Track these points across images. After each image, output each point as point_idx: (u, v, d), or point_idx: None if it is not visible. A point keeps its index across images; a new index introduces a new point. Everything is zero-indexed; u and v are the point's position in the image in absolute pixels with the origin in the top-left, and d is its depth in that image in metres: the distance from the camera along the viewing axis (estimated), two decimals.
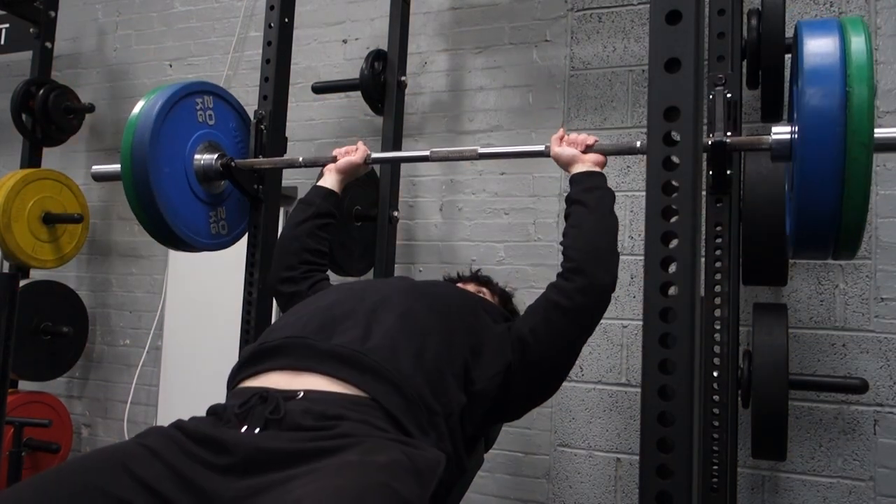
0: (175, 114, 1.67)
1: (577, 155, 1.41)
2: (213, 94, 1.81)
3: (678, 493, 0.83)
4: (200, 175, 1.74)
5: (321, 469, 0.85)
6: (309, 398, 1.01)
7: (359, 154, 1.67)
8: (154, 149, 1.59)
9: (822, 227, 1.03)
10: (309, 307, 1.26)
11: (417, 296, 1.25)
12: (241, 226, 1.90)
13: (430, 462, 0.93)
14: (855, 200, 0.99)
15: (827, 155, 0.98)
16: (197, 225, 1.75)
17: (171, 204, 1.65)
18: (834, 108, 0.98)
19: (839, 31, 1.03)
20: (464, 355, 1.17)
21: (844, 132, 0.97)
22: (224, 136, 1.83)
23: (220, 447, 0.91)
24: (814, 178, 1.00)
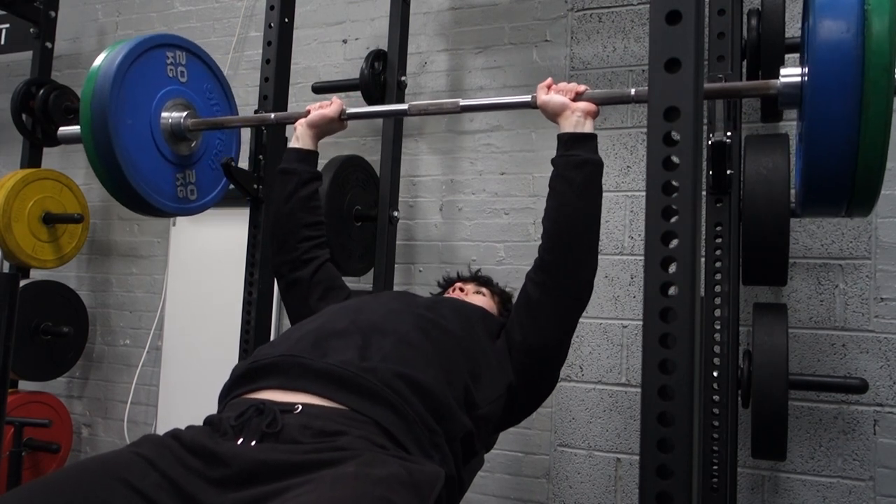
0: (142, 64, 1.55)
1: (566, 103, 1.30)
2: (187, 50, 1.70)
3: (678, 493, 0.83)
4: (167, 133, 1.62)
5: (317, 480, 0.84)
6: (307, 413, 0.99)
7: (333, 107, 1.55)
8: (116, 99, 1.47)
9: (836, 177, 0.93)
10: (302, 328, 1.23)
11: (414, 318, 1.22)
12: (212, 193, 1.79)
13: (429, 477, 0.92)
14: (872, 146, 0.89)
15: (842, 95, 0.88)
16: (161, 186, 1.62)
17: (133, 161, 1.53)
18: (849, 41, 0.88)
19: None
20: (464, 379, 1.15)
21: (862, 69, 0.87)
22: (196, 96, 1.71)
23: (217, 459, 0.90)
24: (826, 122, 0.90)
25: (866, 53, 0.87)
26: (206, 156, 1.74)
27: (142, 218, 3.08)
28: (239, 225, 2.19)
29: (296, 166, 1.52)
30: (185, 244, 2.95)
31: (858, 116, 0.88)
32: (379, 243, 2.24)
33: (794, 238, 2.01)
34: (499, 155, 2.46)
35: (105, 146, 1.47)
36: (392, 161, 2.27)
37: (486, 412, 1.18)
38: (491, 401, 1.20)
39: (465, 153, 2.51)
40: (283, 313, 2.68)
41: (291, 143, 1.56)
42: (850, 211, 1.01)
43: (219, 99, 1.80)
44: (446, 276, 1.77)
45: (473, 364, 1.20)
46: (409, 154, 2.52)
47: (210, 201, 1.79)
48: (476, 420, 1.14)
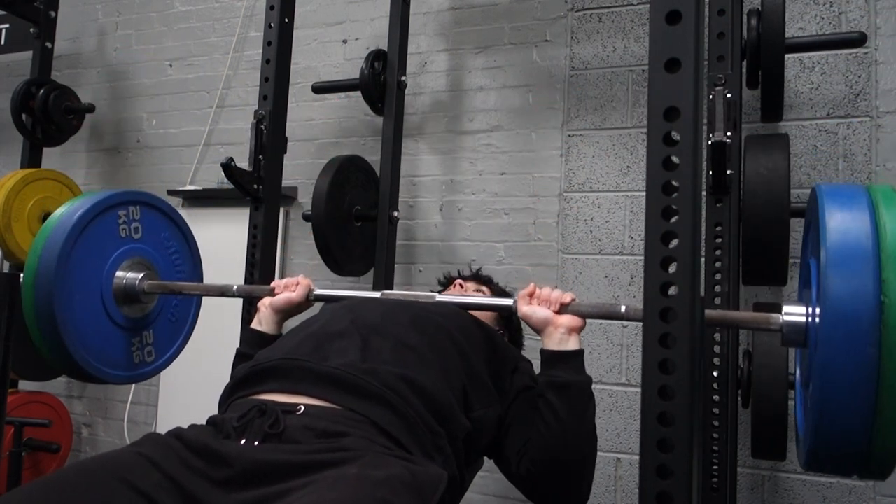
0: (90, 234, 1.43)
1: (549, 318, 1.20)
2: (141, 203, 1.57)
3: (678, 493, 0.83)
4: (120, 297, 1.50)
5: (319, 481, 0.84)
6: (309, 413, 0.99)
7: (299, 290, 1.44)
8: (62, 274, 1.36)
9: (848, 451, 0.82)
10: (302, 332, 1.23)
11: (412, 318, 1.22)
12: (171, 350, 1.66)
13: (432, 479, 0.92)
14: (892, 414, 0.78)
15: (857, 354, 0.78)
16: (115, 357, 1.50)
17: (81, 335, 1.41)
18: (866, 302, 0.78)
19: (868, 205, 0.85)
20: (461, 380, 1.16)
21: (879, 328, 0.78)
22: (154, 250, 1.59)
23: (219, 459, 0.90)
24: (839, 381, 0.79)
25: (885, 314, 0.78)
26: (164, 311, 1.62)
27: None
28: (239, 225, 2.19)
29: (255, 352, 1.38)
30: None
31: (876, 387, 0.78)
32: (379, 243, 2.24)
33: (794, 238, 2.01)
34: (499, 155, 2.46)
35: (48, 325, 1.37)
36: (392, 161, 2.27)
37: (482, 415, 1.18)
38: (486, 405, 1.20)
39: (465, 153, 2.51)
40: None
41: (254, 324, 1.47)
42: (863, 477, 0.89)
43: (178, 246, 1.66)
44: (447, 274, 1.77)
45: (470, 367, 1.20)
46: (409, 154, 2.52)
47: (169, 360, 1.66)
48: (473, 422, 1.15)
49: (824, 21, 2.08)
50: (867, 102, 2.00)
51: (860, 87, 2.01)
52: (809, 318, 0.94)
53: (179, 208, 2.93)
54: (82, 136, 3.12)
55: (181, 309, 1.69)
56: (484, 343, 1.29)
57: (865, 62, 2.01)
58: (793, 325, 0.96)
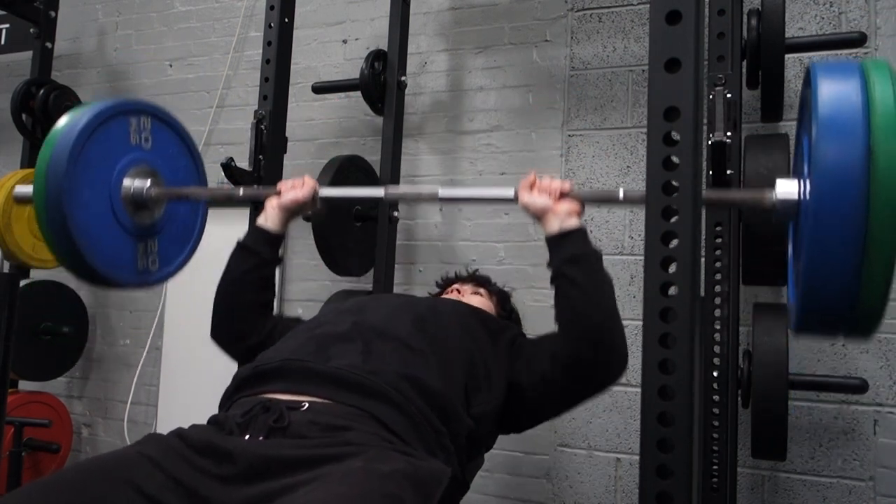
0: (103, 133, 1.45)
1: (548, 206, 1.21)
2: (152, 115, 1.59)
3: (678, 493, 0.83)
4: (129, 202, 1.51)
5: (326, 476, 0.84)
6: (314, 409, 1.00)
7: (305, 190, 1.43)
8: (73, 170, 1.38)
9: (835, 309, 0.87)
10: (303, 333, 1.23)
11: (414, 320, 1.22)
12: (176, 262, 1.66)
13: (434, 474, 0.92)
14: (877, 276, 0.82)
15: (845, 220, 0.82)
16: (119, 259, 1.50)
17: (90, 235, 1.42)
18: (856, 164, 0.81)
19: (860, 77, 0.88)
20: (463, 380, 1.16)
21: (867, 194, 0.81)
22: (162, 162, 1.60)
23: (223, 456, 0.90)
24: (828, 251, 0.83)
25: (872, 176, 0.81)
26: (170, 223, 1.63)
27: None
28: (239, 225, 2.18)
29: (258, 247, 1.44)
30: None
31: (863, 248, 0.82)
32: (379, 243, 2.24)
33: None
34: (499, 155, 2.46)
35: (59, 222, 1.37)
36: (392, 161, 2.27)
37: (482, 411, 1.18)
38: (487, 401, 1.20)
39: (465, 153, 2.51)
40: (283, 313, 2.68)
41: (259, 221, 1.47)
42: (849, 336, 0.96)
43: (185, 162, 1.67)
44: (444, 276, 1.77)
45: (471, 366, 1.20)
46: (409, 154, 2.52)
47: (174, 271, 1.67)
48: (474, 419, 1.15)
49: (824, 21, 2.08)
50: None
51: None
52: (802, 191, 0.98)
53: None
54: None
55: (187, 225, 1.70)
56: (486, 337, 1.30)
57: None
58: (785, 200, 1.00)
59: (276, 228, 1.45)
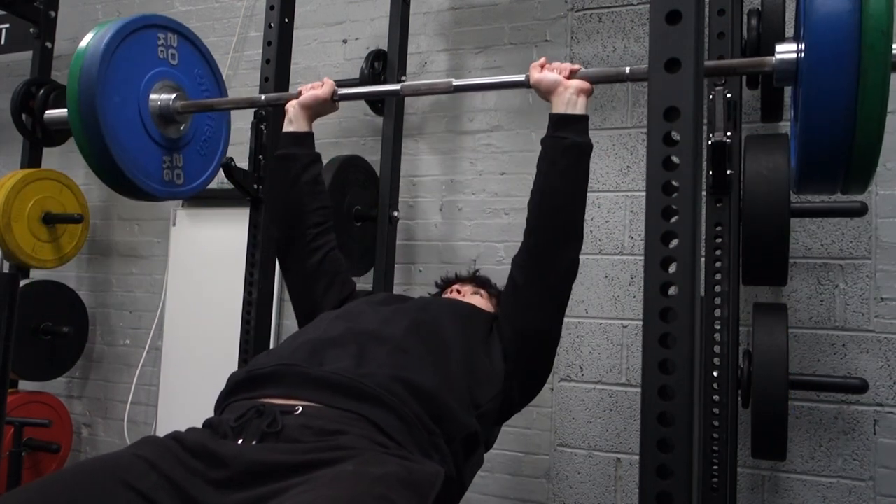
0: (132, 44, 1.52)
1: (558, 80, 1.27)
2: (179, 33, 1.66)
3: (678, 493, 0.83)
4: (156, 115, 1.59)
5: (317, 479, 0.84)
6: (307, 413, 0.99)
7: (325, 88, 1.52)
8: (104, 76, 1.45)
9: (833, 153, 0.92)
10: (298, 338, 1.23)
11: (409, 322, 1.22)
12: (200, 179, 1.75)
13: (429, 476, 0.92)
14: (870, 119, 0.87)
15: (839, 67, 0.87)
16: (148, 168, 1.58)
17: (120, 140, 1.50)
18: (846, 13, 0.86)
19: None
20: (465, 380, 1.16)
21: (859, 45, 0.86)
22: (187, 79, 1.67)
23: (217, 460, 0.90)
24: (823, 96, 0.88)
25: (863, 26, 0.86)
26: (194, 140, 1.71)
27: (142, 218, 3.08)
28: (239, 225, 2.19)
29: (294, 150, 1.50)
30: (185, 244, 2.95)
31: (856, 89, 0.87)
32: (379, 243, 2.24)
33: (794, 238, 2.01)
34: (499, 155, 2.46)
35: (92, 125, 1.45)
36: (392, 161, 2.27)
37: (488, 409, 1.19)
38: (491, 397, 1.20)
39: (465, 153, 2.51)
40: (283, 313, 2.68)
41: (286, 126, 1.53)
42: (847, 187, 1.00)
43: (209, 85, 1.75)
44: (444, 276, 1.77)
45: (471, 364, 1.20)
46: (409, 154, 2.52)
47: (198, 186, 1.75)
48: (479, 418, 1.15)
49: None
50: None
51: None
52: (800, 53, 0.99)
53: (179, 208, 2.94)
54: None
55: (210, 144, 1.78)
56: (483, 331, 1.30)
57: None
58: (785, 61, 1.03)
59: (303, 128, 1.53)
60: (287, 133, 1.53)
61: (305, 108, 1.53)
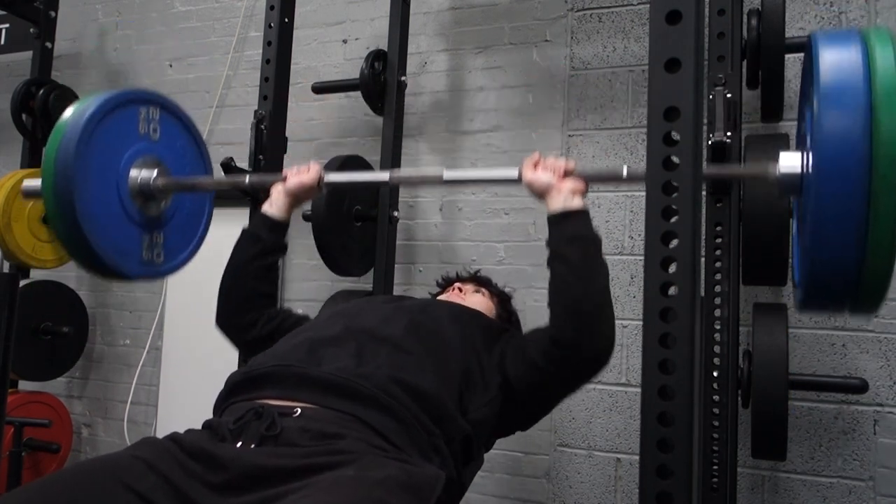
0: (112, 121, 1.46)
1: (551, 182, 1.21)
2: (161, 106, 1.59)
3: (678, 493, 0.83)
4: (136, 192, 1.50)
5: (316, 484, 0.84)
6: (306, 416, 0.99)
7: (311, 174, 1.45)
8: (82, 157, 1.37)
9: (840, 279, 0.86)
10: (296, 337, 1.22)
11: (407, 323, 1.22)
12: (181, 256, 1.65)
13: (429, 479, 0.92)
14: (882, 246, 0.81)
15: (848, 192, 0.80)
16: (126, 248, 1.49)
17: (98, 222, 1.41)
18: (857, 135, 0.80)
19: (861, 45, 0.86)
20: (458, 383, 1.15)
21: (870, 165, 0.80)
22: (169, 154, 1.60)
23: (216, 463, 0.90)
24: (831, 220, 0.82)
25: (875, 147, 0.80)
26: (176, 216, 1.63)
27: None
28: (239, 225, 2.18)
29: (263, 233, 1.45)
30: None
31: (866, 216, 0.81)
32: (379, 243, 2.24)
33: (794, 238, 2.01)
34: (499, 155, 2.45)
35: (67, 206, 1.36)
36: (392, 161, 2.27)
37: (480, 416, 1.17)
38: (483, 404, 1.19)
39: (465, 153, 2.51)
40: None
41: (265, 207, 1.48)
42: (854, 310, 0.93)
43: (192, 157, 1.67)
44: (445, 275, 1.77)
45: (466, 368, 1.19)
46: (409, 154, 2.52)
47: (179, 265, 1.66)
48: (471, 423, 1.14)
49: (824, 21, 2.07)
50: None
51: None
52: (805, 163, 0.95)
53: None
54: None
55: (192, 220, 1.70)
56: (482, 338, 1.29)
57: None
58: (789, 174, 0.98)
59: (281, 215, 1.46)
60: (263, 215, 1.47)
61: (289, 194, 1.45)
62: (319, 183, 1.45)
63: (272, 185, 1.50)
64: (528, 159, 1.27)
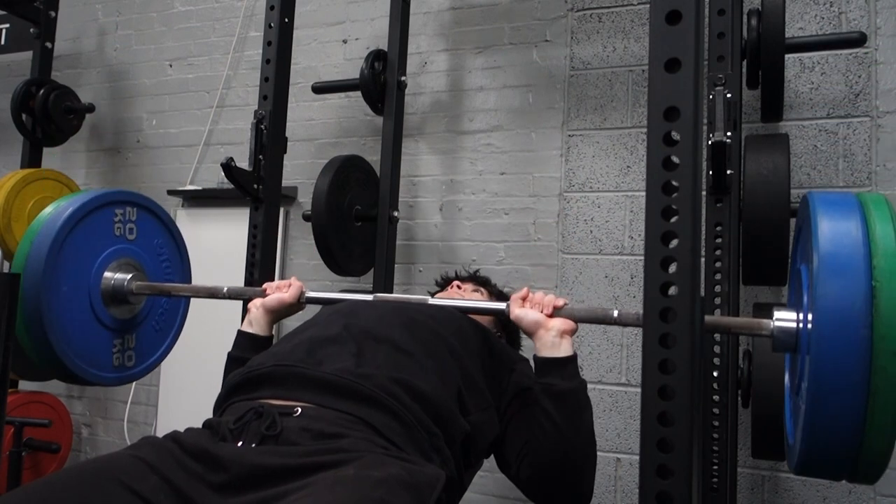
0: (86, 225, 1.43)
1: (540, 321, 1.19)
2: (138, 205, 1.56)
3: (678, 493, 0.83)
4: (108, 297, 1.48)
5: (317, 483, 0.83)
6: (306, 415, 0.99)
7: (291, 291, 1.43)
8: (52, 265, 1.34)
9: (838, 451, 0.83)
10: (295, 337, 1.22)
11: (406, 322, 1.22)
12: (153, 357, 1.63)
13: (429, 479, 0.91)
14: (883, 421, 0.79)
15: (849, 363, 0.79)
16: (95, 355, 1.46)
17: (65, 332, 1.38)
18: (858, 306, 0.80)
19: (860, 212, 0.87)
20: (457, 383, 1.16)
21: (871, 336, 0.79)
22: (145, 253, 1.58)
23: (216, 463, 0.90)
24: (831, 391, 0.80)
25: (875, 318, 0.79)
26: (149, 317, 1.60)
27: None
28: (239, 225, 2.19)
29: (248, 356, 1.37)
30: None
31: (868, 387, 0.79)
32: (379, 243, 2.24)
33: None
34: (499, 155, 2.46)
35: (34, 316, 1.34)
36: (392, 161, 2.27)
37: (478, 419, 1.17)
38: (483, 408, 1.19)
39: (465, 153, 2.51)
40: None
41: (244, 326, 1.45)
42: (853, 480, 0.90)
43: (170, 254, 1.66)
44: (444, 274, 1.77)
45: (465, 369, 1.20)
46: (409, 154, 2.52)
47: (151, 365, 1.63)
48: (471, 425, 1.15)
49: (824, 21, 2.08)
50: (867, 102, 2.00)
51: (860, 87, 2.01)
52: (800, 323, 0.94)
53: (179, 208, 2.94)
54: (82, 136, 3.12)
55: (166, 318, 1.67)
56: (480, 346, 1.28)
57: (865, 62, 2.01)
58: (784, 331, 0.96)
59: (263, 332, 1.43)
60: (245, 334, 1.43)
61: (269, 311, 1.43)
62: (300, 299, 1.44)
63: (252, 299, 1.48)
64: (517, 294, 1.25)
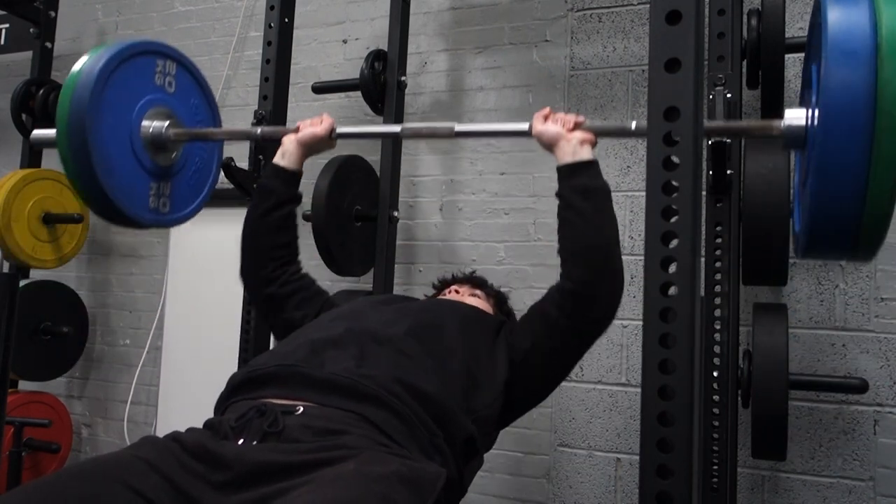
0: (129, 67, 1.48)
1: (560, 133, 1.24)
2: (179, 61, 1.63)
3: (678, 493, 0.83)
4: (147, 140, 1.53)
5: (318, 479, 0.84)
6: (308, 413, 0.99)
7: (324, 125, 1.47)
8: (97, 98, 1.39)
9: (842, 224, 0.90)
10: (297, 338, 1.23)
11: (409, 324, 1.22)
12: (187, 209, 1.68)
13: (430, 476, 0.92)
14: (881, 193, 0.86)
15: (852, 142, 0.85)
16: (133, 192, 1.51)
17: (109, 164, 1.44)
18: (862, 88, 0.84)
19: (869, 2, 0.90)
20: (462, 383, 1.16)
21: (874, 116, 0.84)
22: (182, 108, 1.63)
23: (218, 462, 0.90)
24: (835, 169, 0.87)
25: (879, 99, 0.84)
26: (185, 169, 1.66)
27: None
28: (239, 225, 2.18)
29: (275, 185, 1.47)
30: (185, 244, 2.95)
31: (868, 165, 0.85)
32: (379, 243, 2.24)
33: None
34: (499, 155, 2.46)
35: (80, 144, 1.39)
36: (392, 161, 2.27)
37: (485, 415, 1.18)
38: (488, 404, 1.20)
39: (465, 153, 2.51)
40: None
41: (276, 158, 1.50)
42: (854, 255, 0.97)
43: (205, 116, 1.71)
44: (441, 278, 1.77)
45: (470, 367, 1.20)
46: (409, 154, 2.52)
47: (185, 216, 1.69)
48: (476, 422, 1.15)
49: None
50: None
51: None
52: (809, 120, 0.98)
53: None
54: None
55: (199, 177, 1.73)
56: (484, 334, 1.29)
57: None
58: (793, 129, 1.02)
59: (293, 165, 1.48)
60: (275, 166, 1.49)
61: (302, 144, 1.48)
62: (332, 134, 1.48)
63: (284, 136, 1.52)
64: (539, 113, 1.30)
